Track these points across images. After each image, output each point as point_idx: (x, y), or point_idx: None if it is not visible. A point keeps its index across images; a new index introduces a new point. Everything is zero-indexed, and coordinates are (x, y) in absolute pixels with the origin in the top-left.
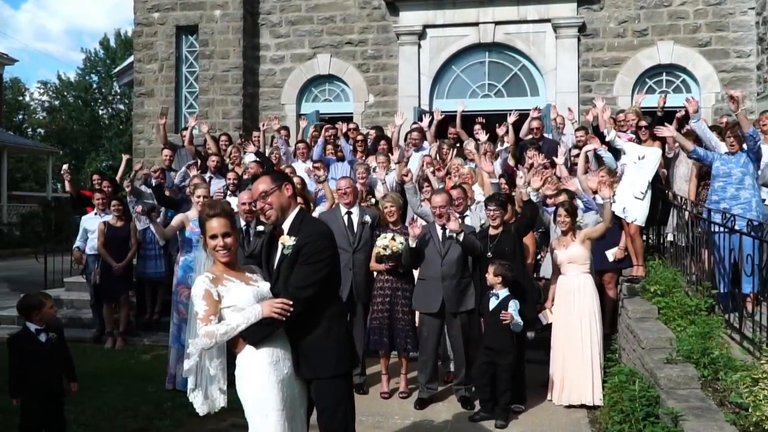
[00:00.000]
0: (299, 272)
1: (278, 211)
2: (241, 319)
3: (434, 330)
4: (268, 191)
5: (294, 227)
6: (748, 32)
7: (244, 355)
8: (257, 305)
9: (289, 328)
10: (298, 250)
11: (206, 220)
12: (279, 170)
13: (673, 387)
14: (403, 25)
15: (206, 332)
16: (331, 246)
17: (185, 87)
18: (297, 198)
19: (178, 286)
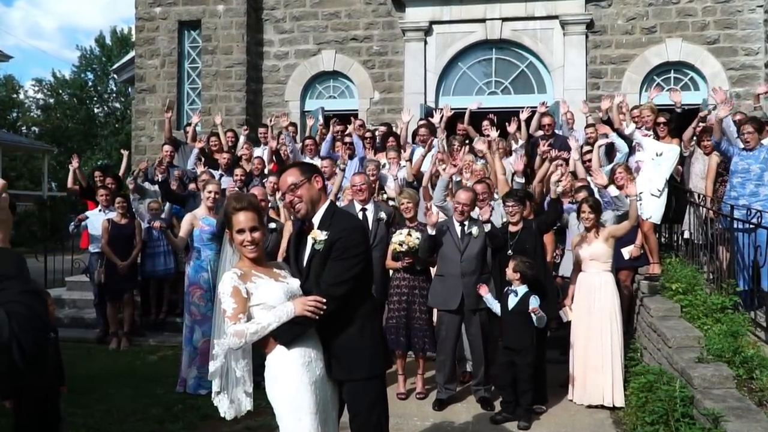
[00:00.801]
0: (332, 268)
1: (308, 204)
2: (273, 318)
3: (453, 328)
4: (298, 183)
5: (325, 221)
6: (756, 30)
7: (275, 356)
8: (289, 303)
9: (320, 327)
10: (331, 246)
11: (233, 214)
12: None
13: (708, 387)
14: (409, 21)
15: (235, 331)
16: (364, 241)
17: (187, 83)
18: (327, 191)
19: (190, 286)
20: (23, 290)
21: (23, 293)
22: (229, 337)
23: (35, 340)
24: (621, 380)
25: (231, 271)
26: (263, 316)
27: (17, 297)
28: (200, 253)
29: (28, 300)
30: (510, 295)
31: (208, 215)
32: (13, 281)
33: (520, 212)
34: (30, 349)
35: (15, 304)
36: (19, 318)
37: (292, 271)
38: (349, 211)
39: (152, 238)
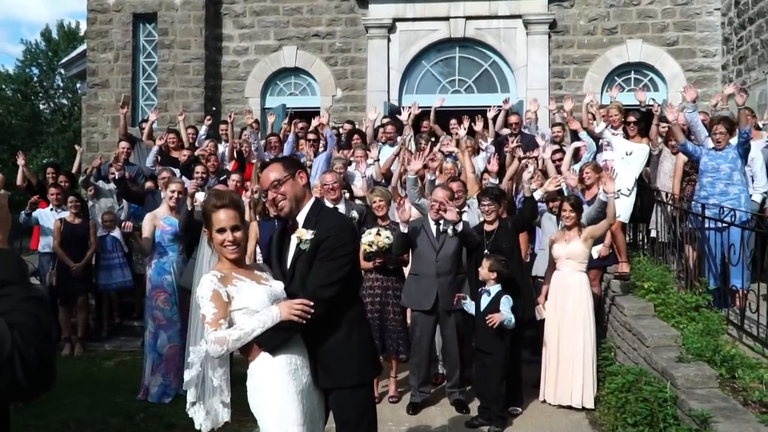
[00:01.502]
0: (320, 269)
1: (292, 201)
2: (257, 324)
3: (428, 329)
4: (281, 180)
5: (310, 219)
6: (714, 32)
7: (259, 364)
8: (274, 307)
9: (306, 333)
10: (318, 245)
11: (212, 212)
12: None
13: (691, 387)
14: (372, 18)
15: (216, 338)
16: (353, 241)
17: (142, 78)
18: (311, 188)
19: (153, 290)
20: (26, 297)
21: (26, 300)
22: (209, 344)
23: (40, 353)
24: (591, 382)
25: (210, 274)
26: (246, 321)
27: (20, 305)
28: (162, 255)
29: (32, 308)
30: (483, 295)
31: (169, 215)
32: (14, 287)
33: (496, 211)
34: (34, 364)
35: (17, 313)
36: (22, 329)
37: (274, 273)
38: (335, 209)
39: (106, 249)
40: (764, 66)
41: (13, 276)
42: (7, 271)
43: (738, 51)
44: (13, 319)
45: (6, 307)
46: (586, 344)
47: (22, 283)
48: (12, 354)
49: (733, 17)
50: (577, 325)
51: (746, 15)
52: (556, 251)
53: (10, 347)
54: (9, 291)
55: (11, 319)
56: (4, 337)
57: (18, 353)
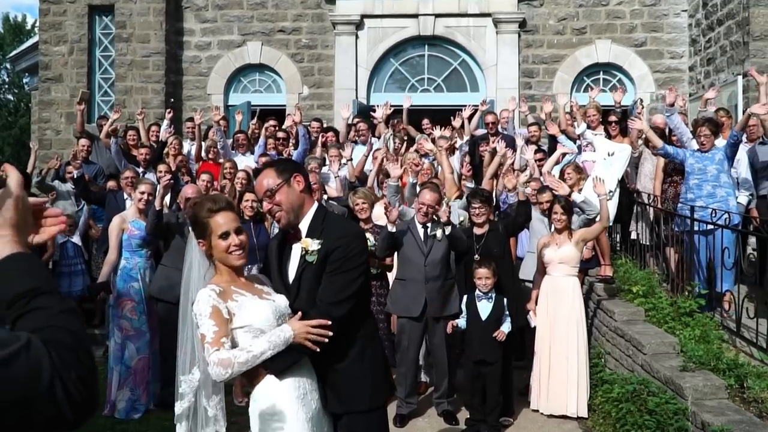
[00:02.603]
0: (331, 284)
1: (289, 211)
2: (266, 346)
3: (415, 338)
4: (274, 188)
5: (315, 228)
6: (681, 34)
7: (264, 389)
8: (285, 327)
9: (315, 353)
10: (326, 256)
11: (209, 218)
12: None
13: (700, 398)
14: (340, 14)
15: (220, 360)
16: (365, 250)
17: (99, 72)
18: (313, 192)
19: (119, 299)
20: (62, 310)
21: (62, 314)
22: (211, 366)
23: (82, 376)
24: (586, 389)
25: (207, 289)
26: (255, 342)
27: (56, 320)
28: (129, 261)
29: (69, 323)
30: (481, 302)
31: (138, 218)
32: (47, 298)
33: (486, 213)
34: (77, 390)
35: (54, 330)
36: (61, 349)
37: (275, 285)
38: (343, 216)
39: (67, 255)
40: (734, 68)
41: (45, 284)
42: (38, 279)
43: (706, 52)
44: (50, 338)
45: (40, 322)
46: (579, 351)
47: (54, 293)
48: (52, 381)
49: (701, 19)
50: (571, 331)
51: (715, 17)
52: (548, 255)
53: (50, 373)
54: (42, 303)
55: (47, 338)
56: (42, 362)
57: (59, 380)
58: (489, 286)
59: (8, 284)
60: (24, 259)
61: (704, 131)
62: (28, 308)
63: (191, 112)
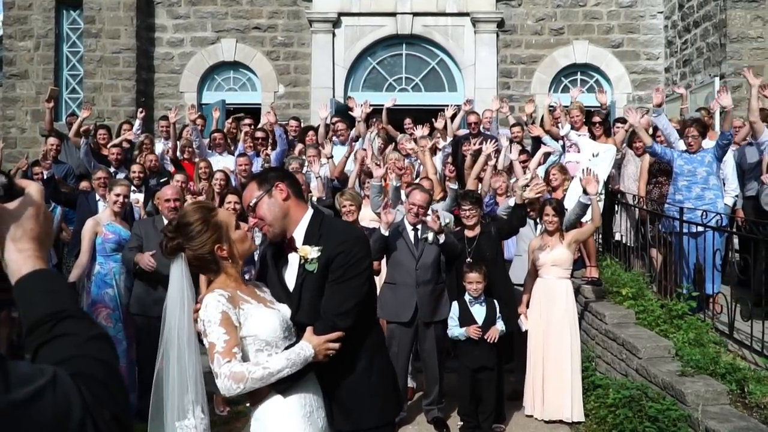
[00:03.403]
0: (336, 294)
1: (273, 223)
2: (284, 363)
3: (406, 343)
4: (255, 202)
5: (312, 234)
6: (657, 35)
7: (268, 408)
8: (305, 345)
9: (320, 367)
10: (327, 264)
11: (217, 216)
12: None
13: (702, 404)
14: (317, 11)
15: (233, 373)
16: (368, 254)
17: (66, 69)
18: (305, 197)
19: (94, 305)
20: (91, 336)
21: (92, 342)
22: (221, 378)
23: (116, 414)
24: (580, 393)
25: (216, 293)
26: (273, 359)
27: (85, 348)
28: (103, 266)
29: (99, 352)
30: (474, 307)
31: (113, 221)
32: (73, 322)
33: (478, 215)
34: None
35: (83, 361)
36: (93, 384)
37: (275, 293)
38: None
39: None
40: (710, 69)
41: (71, 306)
42: (63, 300)
43: (682, 54)
44: (79, 371)
45: (68, 351)
46: (573, 355)
47: (82, 317)
48: (83, 422)
49: (677, 20)
50: (564, 334)
51: (691, 18)
52: (540, 258)
53: (80, 414)
54: (68, 328)
55: (76, 370)
56: (71, 400)
57: (91, 420)
58: (480, 290)
59: (30, 306)
60: (47, 277)
61: (692, 132)
62: (53, 334)
63: (163, 110)
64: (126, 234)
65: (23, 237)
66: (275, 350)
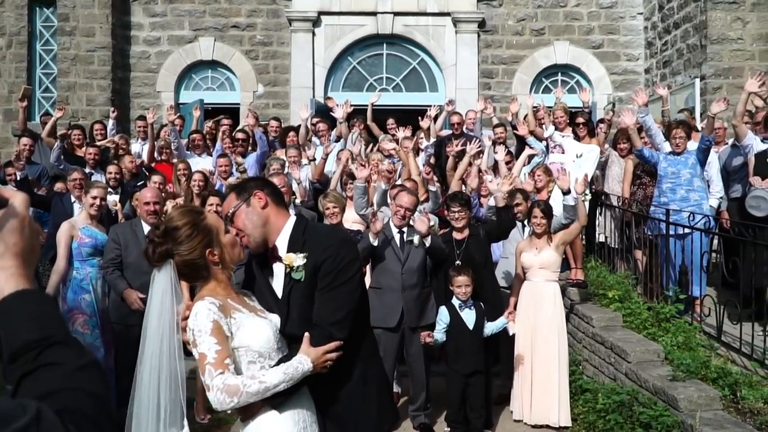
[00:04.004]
0: (327, 302)
1: (254, 233)
2: (281, 378)
3: (392, 349)
4: (232, 212)
5: (296, 240)
6: (637, 36)
7: (261, 424)
8: (303, 359)
9: (314, 379)
10: (316, 271)
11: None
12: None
13: (694, 409)
14: (296, 10)
15: (227, 386)
16: (358, 257)
17: (39, 67)
18: (286, 205)
19: (70, 312)
20: (80, 366)
21: (80, 372)
22: (214, 391)
23: None
24: (567, 398)
25: (206, 301)
26: (270, 373)
27: (72, 380)
28: (79, 271)
29: (89, 384)
30: (463, 311)
31: (89, 224)
32: (60, 349)
33: (466, 217)
34: None
35: (70, 395)
36: (82, 423)
37: (264, 302)
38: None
39: None
40: (690, 70)
41: (58, 331)
42: (49, 324)
43: (662, 55)
44: (66, 406)
45: (53, 384)
46: (561, 359)
47: (70, 343)
48: None
49: (657, 21)
50: (552, 338)
51: (671, 20)
52: (527, 260)
53: None
54: (54, 356)
55: (63, 406)
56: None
57: None
58: (469, 293)
59: (12, 331)
60: (32, 299)
61: (679, 133)
62: (37, 364)
63: (140, 110)
64: (103, 237)
65: (5, 253)
66: (268, 362)
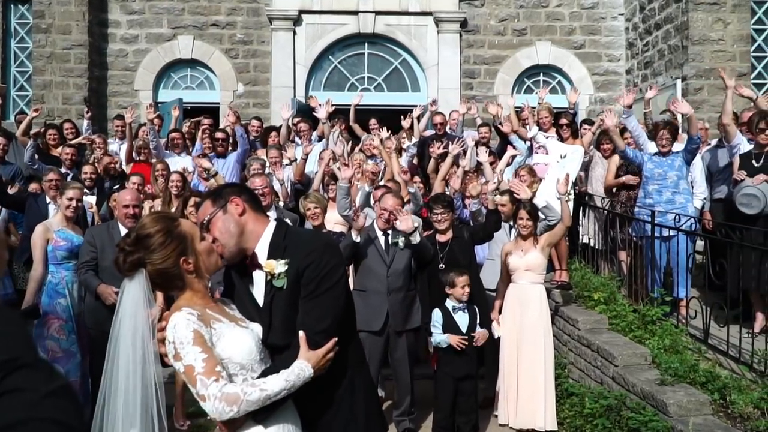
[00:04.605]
0: (312, 309)
1: (230, 241)
2: (283, 384)
3: (377, 353)
4: (207, 219)
5: (276, 246)
6: (618, 37)
7: None
8: (303, 364)
9: (298, 391)
10: (298, 278)
11: (180, 226)
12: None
13: (684, 414)
14: (277, 8)
15: (226, 395)
16: (342, 261)
17: (14, 65)
18: (264, 209)
19: (45, 316)
20: (49, 392)
21: (49, 399)
22: (211, 401)
23: None
24: (554, 401)
25: (185, 312)
26: (271, 380)
27: (41, 409)
28: (55, 275)
29: (60, 411)
30: (457, 314)
31: (65, 227)
32: (27, 373)
33: (450, 219)
34: None
35: (39, 425)
36: None
37: (245, 311)
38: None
39: None
40: (672, 71)
41: (24, 353)
42: (15, 345)
43: (643, 56)
44: None
45: (20, 412)
46: (547, 362)
47: (39, 366)
48: None
49: (638, 22)
50: (538, 341)
51: (652, 20)
52: (513, 262)
53: None
54: (21, 381)
55: None
56: None
57: None
58: (468, 294)
59: None
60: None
61: (665, 134)
62: (2, 390)
63: (117, 109)
64: (79, 240)
65: None
66: (251, 374)
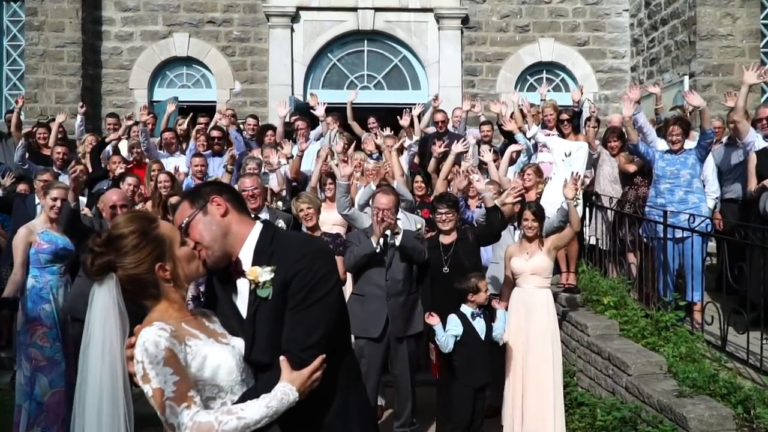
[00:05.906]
0: (299, 323)
1: (213, 245)
2: (264, 412)
3: (376, 360)
4: (187, 222)
5: (262, 252)
6: (623, 33)
7: None
8: (287, 388)
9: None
10: (285, 287)
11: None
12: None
13: (705, 430)
14: (274, 5)
15: (197, 424)
16: (334, 269)
17: (6, 63)
18: (249, 210)
19: (28, 323)
20: None
21: None
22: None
23: None
24: (562, 410)
25: (155, 327)
26: (250, 406)
27: None
28: (38, 280)
29: None
30: (475, 320)
31: (49, 228)
32: None
33: (454, 220)
34: None
35: None
36: None
37: (228, 325)
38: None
39: None
40: (678, 68)
41: None
42: None
43: (649, 53)
44: None
45: None
46: (555, 369)
47: None
48: None
49: (644, 18)
50: (545, 347)
51: (658, 16)
52: (518, 266)
53: None
54: None
55: None
56: None
57: None
58: (483, 300)
59: None
60: None
61: (676, 131)
62: None
63: (112, 108)
64: (63, 242)
65: None
66: (230, 397)
